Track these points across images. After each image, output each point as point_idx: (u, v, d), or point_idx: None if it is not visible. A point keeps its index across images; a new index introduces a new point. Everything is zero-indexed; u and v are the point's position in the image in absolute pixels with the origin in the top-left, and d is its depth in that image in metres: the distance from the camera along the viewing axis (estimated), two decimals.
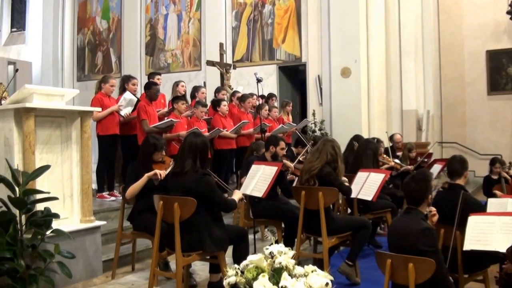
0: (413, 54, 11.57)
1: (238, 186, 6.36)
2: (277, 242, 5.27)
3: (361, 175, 5.34)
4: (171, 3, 13.56)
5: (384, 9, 11.43)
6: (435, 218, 3.48)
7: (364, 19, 10.89)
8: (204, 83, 12.21)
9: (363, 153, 5.92)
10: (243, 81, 12.21)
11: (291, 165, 5.82)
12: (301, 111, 12.48)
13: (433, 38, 12.38)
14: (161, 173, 4.46)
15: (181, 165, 3.97)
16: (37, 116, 4.33)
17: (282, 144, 5.68)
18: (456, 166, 4.21)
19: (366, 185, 5.18)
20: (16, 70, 6.69)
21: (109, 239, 5.46)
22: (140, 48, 13.82)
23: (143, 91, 7.19)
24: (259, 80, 7.52)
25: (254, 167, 4.89)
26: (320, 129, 11.11)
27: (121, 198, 6.69)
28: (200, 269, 4.96)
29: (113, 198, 6.77)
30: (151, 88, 6.79)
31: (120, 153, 7.11)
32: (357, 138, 7.06)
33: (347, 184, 4.91)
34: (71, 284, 4.45)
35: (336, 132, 10.68)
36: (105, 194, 6.75)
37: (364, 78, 10.85)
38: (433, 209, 3.45)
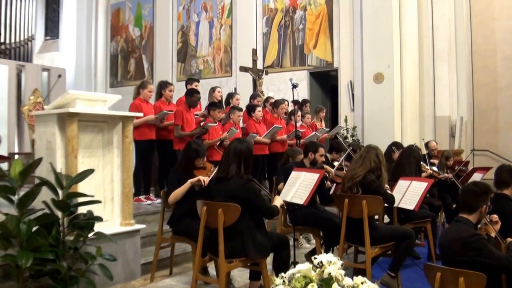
0: (446, 59, 11.37)
1: (273, 192, 6.30)
2: (314, 250, 5.22)
3: (402, 184, 5.20)
4: (202, 10, 13.62)
5: (417, 13, 11.26)
6: (498, 226, 3.36)
7: (397, 23, 10.74)
8: (235, 89, 12.19)
9: (406, 161, 5.77)
10: (273, 87, 12.17)
11: (331, 170, 5.73)
12: (332, 117, 12.35)
13: (465, 42, 12.10)
14: (205, 179, 4.42)
15: (225, 170, 3.96)
16: (80, 120, 4.34)
17: (322, 150, 5.60)
18: (504, 176, 4.10)
19: (408, 194, 5.04)
20: (59, 76, 6.77)
21: (147, 243, 5.45)
22: (172, 54, 13.91)
23: (178, 97, 7.21)
24: (295, 86, 7.50)
25: (294, 174, 4.80)
26: (352, 136, 10.98)
27: (157, 201, 6.79)
28: (238, 275, 4.88)
29: (149, 201, 6.79)
30: (192, 96, 6.81)
31: (156, 158, 7.11)
32: (396, 145, 6.91)
33: (390, 193, 4.78)
34: (110, 286, 4.44)
35: (369, 138, 10.52)
36: (141, 197, 6.77)
37: (397, 83, 10.68)
38: (495, 216, 3.33)
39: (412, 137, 10.59)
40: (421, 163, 6.20)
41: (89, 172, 3.96)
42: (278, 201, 4.21)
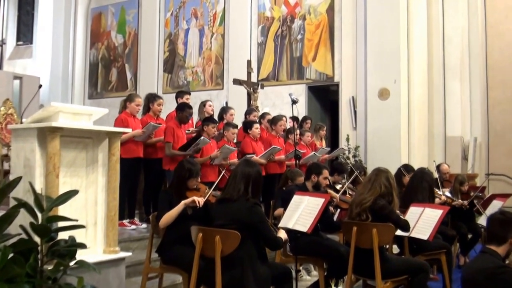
0: (459, 74, 11.47)
1: (270, 217, 6.26)
2: (317, 283, 5.18)
3: (414, 211, 5.19)
4: (192, 17, 13.69)
5: (427, 23, 11.41)
6: None
7: (404, 35, 10.86)
8: (226, 103, 12.19)
9: (418, 185, 5.76)
10: (268, 101, 12.21)
11: (336, 195, 5.70)
12: (332, 136, 12.38)
13: (480, 55, 12.17)
14: (200, 200, 4.38)
15: (231, 192, 4.01)
16: (62, 136, 4.27)
17: (326, 173, 5.59)
18: None
19: (421, 222, 5.02)
20: (40, 86, 6.68)
21: (131, 273, 5.35)
22: (158, 64, 13.95)
23: (168, 112, 7.19)
24: (295, 101, 7.51)
25: (296, 198, 4.77)
26: (354, 156, 11.00)
27: (141, 226, 6.72)
28: None
29: (133, 226, 6.72)
30: (184, 110, 6.80)
31: (142, 178, 7.07)
32: (406, 168, 6.91)
33: (404, 218, 4.76)
34: None
35: (372, 159, 10.57)
36: (125, 222, 6.69)
37: (404, 100, 10.75)
38: None
39: (420, 158, 10.64)
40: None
41: (73, 193, 3.89)
42: (282, 234, 4.21)
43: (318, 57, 12.02)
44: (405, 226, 4.71)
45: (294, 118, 8.41)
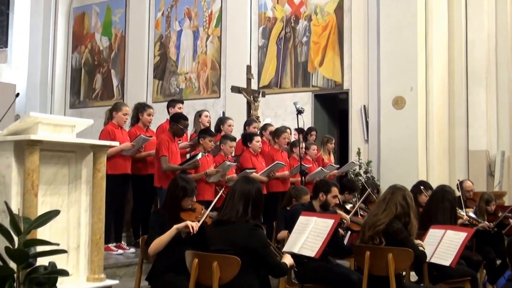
0: (484, 81, 11.48)
1: (273, 240, 6.27)
2: None
3: (434, 233, 5.19)
4: (185, 18, 13.77)
5: (448, 25, 11.44)
6: None
7: (422, 37, 10.90)
8: (223, 113, 12.23)
9: (438, 205, 5.76)
10: (269, 111, 12.24)
11: (347, 217, 5.72)
12: (341, 149, 12.40)
13: (508, 60, 12.15)
14: (193, 225, 4.37)
15: (229, 213, 4.00)
16: (42, 150, 4.28)
17: (335, 191, 5.60)
18: None
19: (442, 246, 5.01)
20: (17, 95, 6.71)
21: None
22: (147, 70, 14.00)
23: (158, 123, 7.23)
24: (300, 111, 7.57)
25: (302, 219, 4.79)
26: (366, 172, 11.00)
27: (129, 251, 6.71)
28: None
29: (120, 251, 6.69)
30: (179, 122, 6.79)
31: (130, 196, 7.07)
32: (424, 185, 6.92)
33: (421, 248, 4.75)
34: None
35: (386, 176, 10.56)
36: (111, 245, 6.67)
37: (421, 109, 10.77)
38: None
39: (440, 175, 10.63)
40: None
41: (53, 214, 3.89)
42: (287, 259, 4.20)
43: (326, 61, 12.07)
44: (421, 257, 4.71)
45: (299, 130, 8.45)
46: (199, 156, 6.65)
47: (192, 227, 4.40)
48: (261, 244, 3.90)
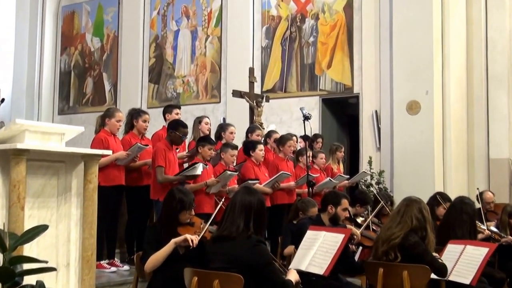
0: (505, 83, 11.42)
1: (278, 256, 6.26)
2: None
3: (453, 249, 5.17)
4: (183, 17, 13.81)
5: (466, 22, 11.44)
6: None
7: (439, 37, 10.89)
8: (224, 119, 12.24)
9: (457, 218, 5.74)
10: (274, 117, 12.25)
11: (357, 232, 5.70)
12: (351, 158, 12.38)
13: None
14: (193, 239, 4.38)
15: (229, 227, 3.99)
16: (29, 160, 4.28)
17: (345, 203, 5.59)
18: None
19: (461, 262, 5.00)
20: (2, 100, 6.72)
21: None
22: (142, 73, 14.04)
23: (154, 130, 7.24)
24: (307, 117, 7.58)
25: (310, 234, 4.78)
26: (378, 183, 10.98)
27: (123, 268, 6.71)
28: None
29: (113, 268, 6.69)
30: (177, 129, 6.80)
31: (124, 210, 7.07)
32: (442, 196, 6.90)
33: (440, 260, 4.75)
34: None
35: (400, 187, 10.54)
36: (103, 263, 6.67)
37: (438, 115, 10.76)
38: None
39: (459, 185, 10.61)
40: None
41: (41, 228, 3.87)
42: (293, 275, 4.20)
43: (334, 63, 12.08)
44: (442, 270, 4.70)
45: (306, 137, 8.45)
46: (200, 167, 6.62)
47: (192, 241, 4.41)
48: (265, 261, 3.91)
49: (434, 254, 4.77)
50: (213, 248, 4.08)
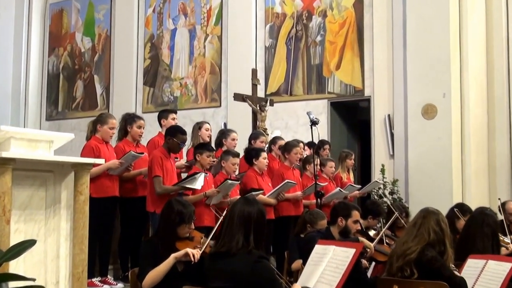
0: None
1: (284, 273, 6.25)
2: None
3: (474, 264, 5.15)
4: (180, 15, 13.83)
5: (485, 20, 11.42)
6: None
7: (456, 35, 10.87)
8: (225, 124, 12.25)
9: (478, 230, 5.73)
10: (279, 122, 12.26)
11: (371, 245, 5.70)
12: (362, 166, 12.38)
13: None
14: (194, 253, 4.37)
15: (227, 243, 3.95)
16: (15, 169, 4.29)
17: (356, 215, 5.60)
18: None
19: (483, 278, 4.98)
20: None
21: None
22: (136, 75, 14.03)
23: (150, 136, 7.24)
24: (315, 122, 7.59)
25: (318, 249, 4.77)
26: (391, 193, 10.95)
27: (117, 286, 6.73)
28: None
29: (106, 286, 6.72)
30: (176, 136, 6.81)
31: (117, 223, 7.08)
32: (461, 208, 6.90)
33: (460, 276, 4.74)
34: None
35: (416, 198, 10.50)
36: (95, 280, 6.68)
37: (456, 119, 10.74)
38: None
39: (479, 195, 10.58)
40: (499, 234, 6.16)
41: (29, 244, 3.87)
42: None
43: (344, 64, 12.08)
44: (462, 285, 4.68)
45: (313, 144, 8.45)
46: (201, 179, 6.61)
47: (193, 255, 4.40)
48: (268, 279, 3.88)
49: (453, 269, 4.75)
50: (211, 266, 4.06)
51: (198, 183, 6.62)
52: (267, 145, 8.87)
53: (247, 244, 3.93)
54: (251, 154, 7.99)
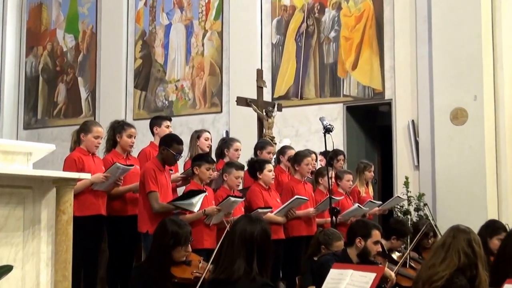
0: None
1: None
2: None
3: None
4: (175, 9, 13.85)
5: None
6: None
7: (488, 30, 10.85)
8: (227, 132, 12.25)
9: None
10: (288, 130, 12.26)
11: (392, 275, 5.70)
12: (383, 179, 12.37)
13: None
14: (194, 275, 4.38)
15: (227, 268, 3.91)
16: None
17: (377, 234, 5.60)
18: None
19: None
20: None
21: None
22: (126, 77, 14.05)
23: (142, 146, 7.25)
24: (329, 129, 7.57)
25: (334, 273, 4.77)
26: (417, 209, 10.93)
27: None
28: None
29: None
30: (171, 146, 6.81)
31: (105, 246, 7.07)
32: (494, 226, 6.88)
33: None
34: None
35: (445, 214, 10.47)
36: None
37: (489, 125, 10.73)
38: None
39: None
40: None
41: (5, 270, 3.91)
42: None
43: (361, 63, 12.08)
44: None
45: (325, 154, 8.44)
46: (199, 201, 6.60)
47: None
48: None
49: None
50: None
51: (196, 206, 6.60)
52: (275, 156, 8.87)
53: (249, 269, 3.87)
54: (255, 166, 7.98)
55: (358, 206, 8.57)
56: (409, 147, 11.53)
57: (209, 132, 8.34)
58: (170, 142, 6.91)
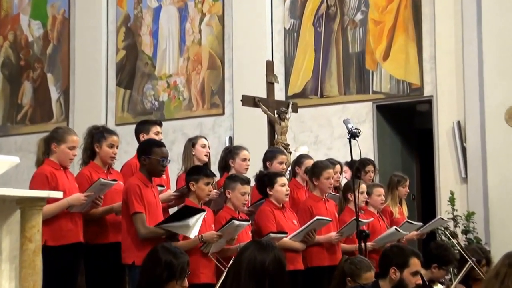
0: None
1: None
2: None
3: None
4: None
5: None
6: None
7: None
8: (230, 139, 12.28)
9: None
10: (306, 135, 12.31)
11: None
12: (423, 194, 12.38)
13: None
14: None
15: None
16: None
17: (416, 263, 5.59)
18: None
19: None
20: None
21: None
22: (106, 73, 14.09)
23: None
24: (355, 134, 7.56)
25: None
26: (465, 232, 10.95)
27: None
28: None
29: None
30: (151, 152, 6.79)
31: (82, 282, 7.09)
32: None
33: None
34: None
35: (499, 237, 10.57)
36: None
37: None
38: None
39: None
40: None
41: None
42: None
43: (393, 53, 12.14)
44: None
45: (353, 164, 8.43)
46: (198, 223, 6.60)
47: None
48: None
49: None
50: None
51: (193, 230, 6.58)
52: (289, 168, 8.86)
53: None
54: (264, 181, 7.97)
55: (396, 229, 8.52)
56: (455, 155, 11.56)
57: (206, 139, 8.31)
58: (149, 149, 6.84)
